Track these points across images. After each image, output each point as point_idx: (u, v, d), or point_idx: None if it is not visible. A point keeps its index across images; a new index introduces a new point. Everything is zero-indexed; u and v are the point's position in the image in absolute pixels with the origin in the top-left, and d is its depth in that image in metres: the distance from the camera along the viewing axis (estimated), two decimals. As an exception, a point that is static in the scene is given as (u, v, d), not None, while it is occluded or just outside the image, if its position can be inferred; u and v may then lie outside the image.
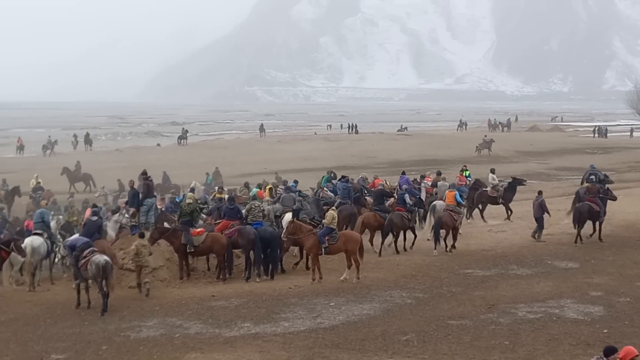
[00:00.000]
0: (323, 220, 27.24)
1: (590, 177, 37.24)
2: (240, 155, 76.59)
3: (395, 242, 31.24)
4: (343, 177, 37.96)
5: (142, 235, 25.83)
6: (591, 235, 32.52)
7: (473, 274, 26.85)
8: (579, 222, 32.20)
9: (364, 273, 27.09)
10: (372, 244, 30.78)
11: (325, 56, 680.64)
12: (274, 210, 31.49)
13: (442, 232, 30.84)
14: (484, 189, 38.94)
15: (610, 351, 13.58)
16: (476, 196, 38.40)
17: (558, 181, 58.73)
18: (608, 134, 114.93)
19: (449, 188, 33.63)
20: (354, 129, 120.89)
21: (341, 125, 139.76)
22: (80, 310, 23.54)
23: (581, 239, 31.93)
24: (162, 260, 27.20)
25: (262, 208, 29.52)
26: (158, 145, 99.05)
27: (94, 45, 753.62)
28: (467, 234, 33.75)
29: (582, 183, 38.48)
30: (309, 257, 27.45)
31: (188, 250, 26.74)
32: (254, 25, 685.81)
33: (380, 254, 30.28)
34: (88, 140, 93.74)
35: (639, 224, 35.78)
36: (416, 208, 32.82)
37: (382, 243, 30.97)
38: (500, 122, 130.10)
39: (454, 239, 31.50)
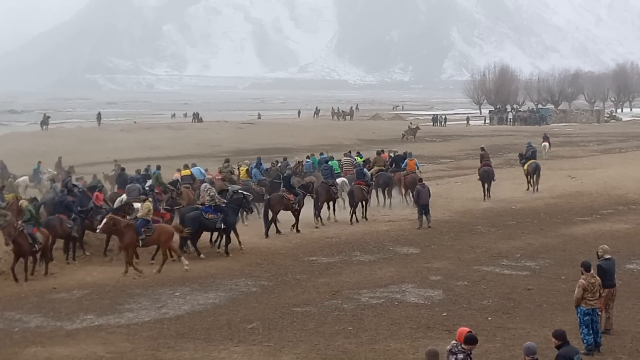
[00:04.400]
0: (138, 214, 26.59)
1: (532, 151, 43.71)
2: (82, 145, 74.73)
3: (354, 211, 34.57)
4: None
5: None
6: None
7: (317, 261, 27.17)
8: (485, 182, 39.57)
9: (210, 262, 27.07)
10: None
11: (169, 44, 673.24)
12: (118, 201, 31.76)
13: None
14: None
15: (472, 340, 13.66)
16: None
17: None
18: (447, 123, 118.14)
19: (408, 157, 40.25)
20: (197, 118, 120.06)
21: (185, 113, 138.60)
22: None
23: (489, 197, 39.33)
24: (0, 252, 26.31)
25: (212, 193, 29.30)
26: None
27: None
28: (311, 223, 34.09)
29: (525, 156, 43.46)
30: (125, 249, 26.34)
31: (38, 249, 25.53)
32: (95, 11, 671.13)
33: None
34: None
35: (475, 209, 37.03)
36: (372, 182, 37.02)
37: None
38: (343, 111, 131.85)
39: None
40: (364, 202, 35.45)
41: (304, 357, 17.55)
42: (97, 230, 26.65)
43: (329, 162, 38.54)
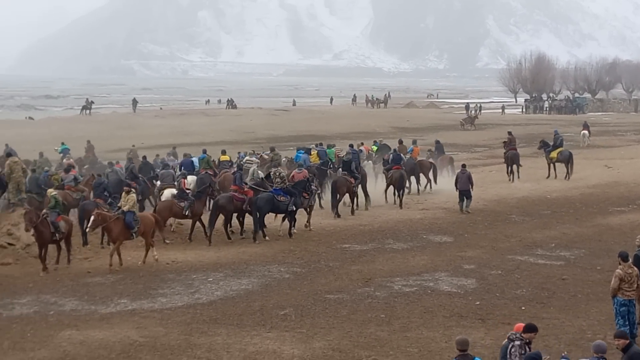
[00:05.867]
0: (124, 207, 25.58)
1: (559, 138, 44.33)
2: (116, 130, 75.14)
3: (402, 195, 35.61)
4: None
5: None
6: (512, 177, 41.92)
7: (350, 248, 27.13)
8: (511, 164, 41.88)
9: (242, 248, 27.15)
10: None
11: (204, 30, 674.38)
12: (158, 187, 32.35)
13: None
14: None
15: (530, 329, 13.53)
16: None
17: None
18: (482, 111, 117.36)
19: (414, 144, 41.67)
20: (231, 104, 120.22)
21: (219, 100, 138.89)
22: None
23: (511, 179, 41.68)
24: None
25: (281, 174, 30.00)
26: (30, 118, 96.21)
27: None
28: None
29: (555, 144, 43.55)
30: (114, 243, 25.46)
31: (59, 238, 25.24)
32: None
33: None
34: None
35: (510, 198, 36.83)
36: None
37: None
38: (377, 98, 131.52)
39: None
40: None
41: (336, 344, 17.55)
42: (87, 229, 26.01)
43: (327, 150, 39.68)
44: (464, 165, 34.93)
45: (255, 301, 20.95)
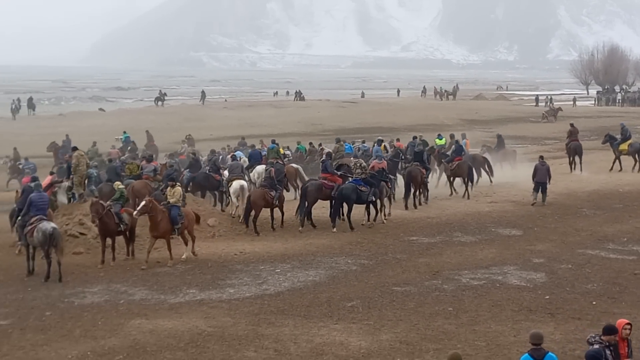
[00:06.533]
0: (170, 200, 25.36)
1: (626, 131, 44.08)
2: (185, 122, 75.90)
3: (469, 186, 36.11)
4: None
5: None
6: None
7: (418, 241, 27.02)
8: (573, 155, 41.95)
9: (310, 240, 27.19)
10: None
11: (272, 22, 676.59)
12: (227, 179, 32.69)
13: None
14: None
15: (609, 331, 12.68)
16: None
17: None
18: (553, 103, 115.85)
19: (464, 137, 41.85)
20: (299, 96, 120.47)
21: (287, 91, 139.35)
22: (22, 276, 23.27)
23: (573, 169, 41.96)
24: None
25: (362, 165, 30.27)
26: (101, 109, 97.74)
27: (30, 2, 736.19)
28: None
29: (623, 137, 43.22)
30: (155, 238, 24.97)
31: (124, 229, 25.31)
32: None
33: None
34: (31, 105, 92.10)
35: (580, 191, 36.31)
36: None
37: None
38: (446, 90, 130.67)
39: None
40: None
41: (404, 337, 17.49)
42: (135, 214, 25.11)
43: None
44: (542, 157, 34.54)
45: (323, 293, 20.99)
